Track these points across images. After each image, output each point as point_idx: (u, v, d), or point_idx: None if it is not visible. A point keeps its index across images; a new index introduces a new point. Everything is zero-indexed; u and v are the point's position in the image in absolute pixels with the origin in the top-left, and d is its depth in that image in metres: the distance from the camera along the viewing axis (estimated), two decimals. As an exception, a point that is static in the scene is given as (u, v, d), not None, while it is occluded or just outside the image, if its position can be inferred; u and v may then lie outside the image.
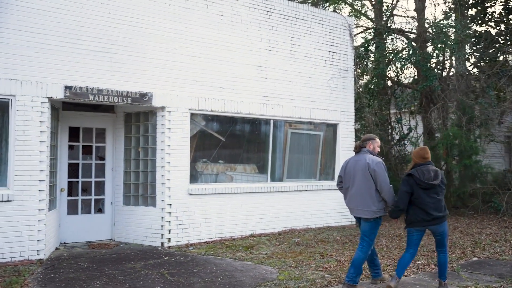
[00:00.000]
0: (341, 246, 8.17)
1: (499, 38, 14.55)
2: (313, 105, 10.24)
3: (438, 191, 5.37)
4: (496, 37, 14.54)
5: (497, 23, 14.92)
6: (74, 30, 7.43)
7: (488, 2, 14.56)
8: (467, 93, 13.32)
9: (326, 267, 6.62)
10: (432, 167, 5.46)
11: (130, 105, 7.97)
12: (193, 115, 8.65)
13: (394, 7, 15.76)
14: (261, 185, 9.43)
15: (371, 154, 5.65)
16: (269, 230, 9.43)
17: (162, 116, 8.26)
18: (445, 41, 12.62)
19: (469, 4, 14.70)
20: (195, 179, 8.71)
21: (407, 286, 5.74)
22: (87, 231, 8.50)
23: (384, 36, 14.15)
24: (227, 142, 9.16)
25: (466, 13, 14.53)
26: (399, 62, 13.70)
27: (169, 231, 8.15)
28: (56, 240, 7.95)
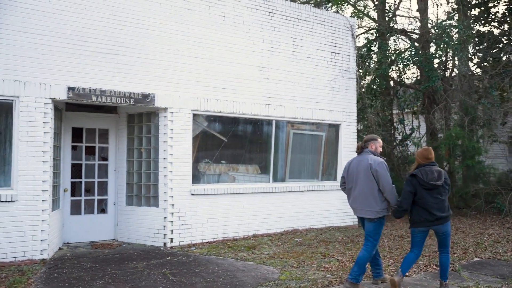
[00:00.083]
0: (343, 246, 8.18)
1: (502, 38, 14.54)
2: (315, 106, 10.26)
3: (441, 191, 5.39)
4: (499, 37, 14.53)
5: (501, 23, 14.89)
6: (77, 31, 7.48)
7: (491, 2, 14.53)
8: (469, 94, 13.30)
9: (327, 267, 6.64)
10: (435, 168, 5.47)
11: (132, 106, 8.01)
12: (196, 116, 8.69)
13: (396, 8, 15.74)
14: (263, 186, 9.46)
15: (373, 154, 5.68)
16: (271, 230, 9.46)
17: (164, 116, 8.30)
18: (448, 41, 12.61)
19: (472, 4, 14.68)
20: (198, 180, 8.74)
21: (408, 286, 5.76)
22: (90, 231, 8.56)
23: (386, 36, 14.14)
24: (229, 142, 9.20)
25: (469, 13, 14.51)
26: (401, 62, 13.70)
27: (172, 231, 8.20)
28: (59, 240, 8.00)
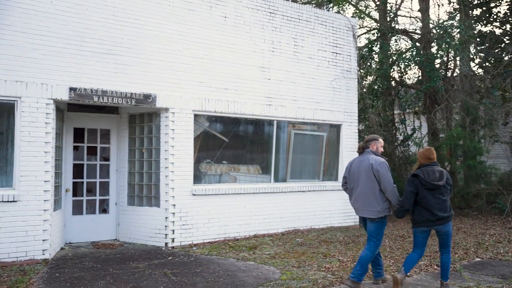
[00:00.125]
0: (344, 246, 8.19)
1: (504, 38, 14.52)
2: (316, 106, 10.27)
3: (443, 191, 5.40)
4: (501, 37, 14.51)
5: (502, 23, 14.87)
6: (78, 32, 7.51)
7: (493, 2, 14.52)
8: (471, 94, 13.29)
9: (328, 267, 6.65)
10: (437, 168, 5.49)
11: (134, 106, 8.04)
12: (197, 116, 8.71)
13: (398, 8, 15.74)
14: (264, 186, 9.47)
15: (375, 154, 5.70)
16: (273, 230, 9.47)
17: (166, 117, 8.32)
18: (449, 41, 12.61)
19: (474, 4, 14.66)
20: (199, 180, 8.76)
21: (409, 286, 5.76)
22: (91, 231, 8.58)
23: (388, 36, 14.13)
24: (230, 143, 9.21)
25: (471, 13, 14.50)
26: (402, 62, 13.69)
27: (173, 231, 8.22)
28: (61, 240, 8.03)
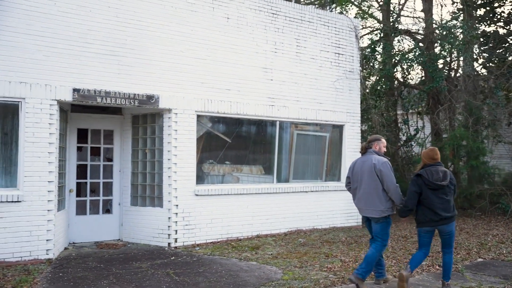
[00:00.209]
0: (346, 247, 8.20)
1: (507, 38, 14.48)
2: (319, 107, 10.28)
3: (446, 191, 5.43)
4: (504, 37, 14.47)
5: (506, 23, 14.84)
6: (82, 33, 7.56)
7: (496, 2, 14.49)
8: (474, 94, 13.27)
9: (330, 268, 6.67)
10: (441, 168, 5.51)
11: (137, 107, 8.08)
12: (200, 117, 8.74)
13: (401, 8, 15.73)
14: (267, 186, 9.49)
15: (377, 154, 5.75)
16: (275, 230, 9.49)
17: (168, 118, 8.36)
18: (452, 42, 12.59)
19: (478, 4, 14.64)
20: (202, 180, 8.80)
21: (410, 286, 5.76)
22: (95, 231, 8.63)
23: (391, 37, 14.13)
24: (233, 143, 9.24)
25: (474, 13, 14.47)
26: (405, 63, 13.68)
27: (176, 231, 8.25)
28: (65, 240, 8.08)
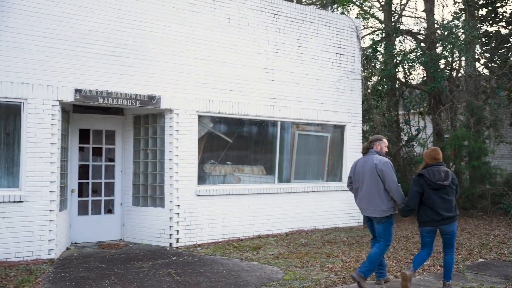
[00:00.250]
0: (347, 247, 8.21)
1: (510, 38, 14.47)
2: (320, 107, 10.29)
3: (448, 191, 5.44)
4: (506, 37, 14.46)
5: (508, 23, 14.83)
6: (84, 34, 7.59)
7: (498, 2, 14.48)
8: (476, 94, 13.26)
9: (331, 268, 6.68)
10: (443, 168, 5.53)
11: (138, 107, 8.11)
12: (201, 117, 8.76)
13: (403, 8, 15.72)
14: (268, 186, 9.51)
15: (379, 154, 5.78)
16: (277, 231, 9.50)
17: (170, 118, 8.38)
18: (454, 42, 12.58)
19: (480, 4, 14.63)
20: (203, 180, 8.82)
21: (411, 286, 5.76)
22: (97, 231, 8.66)
23: (392, 37, 14.12)
24: (234, 143, 9.26)
25: (476, 13, 14.46)
26: (407, 63, 13.68)
27: (177, 231, 8.27)
28: (67, 240, 8.11)
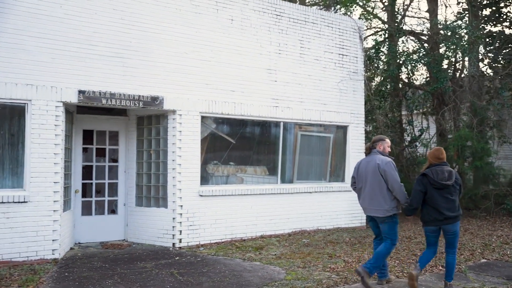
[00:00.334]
0: (350, 247, 8.23)
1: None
2: (323, 108, 10.31)
3: (451, 191, 5.47)
4: (510, 37, 14.41)
5: (512, 23, 14.80)
6: (87, 36, 7.64)
7: (502, 1, 14.44)
8: (479, 95, 13.23)
9: (333, 268, 6.70)
10: (446, 168, 5.56)
11: (142, 108, 8.15)
12: (204, 118, 8.80)
13: (406, 9, 15.71)
14: (271, 187, 9.53)
15: (382, 154, 5.82)
16: (279, 231, 9.53)
17: (173, 119, 8.43)
18: (457, 42, 12.57)
19: (484, 4, 14.59)
20: (206, 181, 8.85)
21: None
22: (100, 231, 8.71)
23: (395, 38, 14.12)
24: (237, 144, 9.29)
25: (480, 14, 14.43)
26: (409, 64, 13.67)
27: (180, 232, 8.31)
28: (70, 240, 8.17)
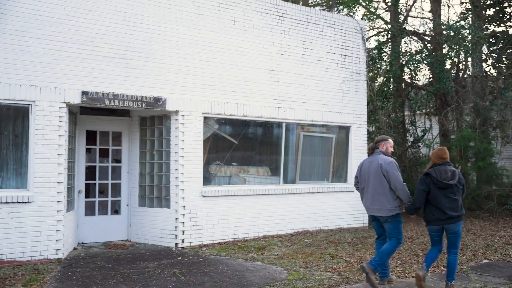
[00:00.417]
0: (352, 247, 8.24)
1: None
2: (325, 108, 10.33)
3: (454, 191, 5.49)
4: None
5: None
6: (91, 37, 7.69)
7: (506, 2, 14.42)
8: (482, 95, 13.21)
9: (335, 268, 6.72)
10: (450, 168, 5.59)
11: (144, 109, 8.20)
12: (206, 119, 8.84)
13: (409, 9, 15.70)
14: (273, 187, 9.56)
15: (384, 154, 5.86)
16: (282, 231, 9.55)
17: (176, 119, 8.46)
18: (460, 42, 12.56)
19: (487, 4, 14.57)
20: (209, 181, 8.89)
21: (413, 287, 5.79)
22: (103, 231, 8.76)
23: (398, 38, 14.11)
24: (240, 145, 9.33)
25: (483, 14, 14.41)
26: (412, 64, 13.67)
27: (183, 232, 8.35)
28: (74, 240, 8.22)
